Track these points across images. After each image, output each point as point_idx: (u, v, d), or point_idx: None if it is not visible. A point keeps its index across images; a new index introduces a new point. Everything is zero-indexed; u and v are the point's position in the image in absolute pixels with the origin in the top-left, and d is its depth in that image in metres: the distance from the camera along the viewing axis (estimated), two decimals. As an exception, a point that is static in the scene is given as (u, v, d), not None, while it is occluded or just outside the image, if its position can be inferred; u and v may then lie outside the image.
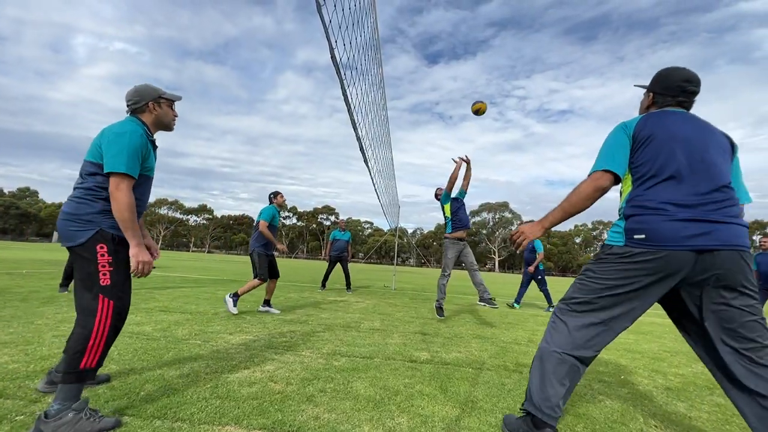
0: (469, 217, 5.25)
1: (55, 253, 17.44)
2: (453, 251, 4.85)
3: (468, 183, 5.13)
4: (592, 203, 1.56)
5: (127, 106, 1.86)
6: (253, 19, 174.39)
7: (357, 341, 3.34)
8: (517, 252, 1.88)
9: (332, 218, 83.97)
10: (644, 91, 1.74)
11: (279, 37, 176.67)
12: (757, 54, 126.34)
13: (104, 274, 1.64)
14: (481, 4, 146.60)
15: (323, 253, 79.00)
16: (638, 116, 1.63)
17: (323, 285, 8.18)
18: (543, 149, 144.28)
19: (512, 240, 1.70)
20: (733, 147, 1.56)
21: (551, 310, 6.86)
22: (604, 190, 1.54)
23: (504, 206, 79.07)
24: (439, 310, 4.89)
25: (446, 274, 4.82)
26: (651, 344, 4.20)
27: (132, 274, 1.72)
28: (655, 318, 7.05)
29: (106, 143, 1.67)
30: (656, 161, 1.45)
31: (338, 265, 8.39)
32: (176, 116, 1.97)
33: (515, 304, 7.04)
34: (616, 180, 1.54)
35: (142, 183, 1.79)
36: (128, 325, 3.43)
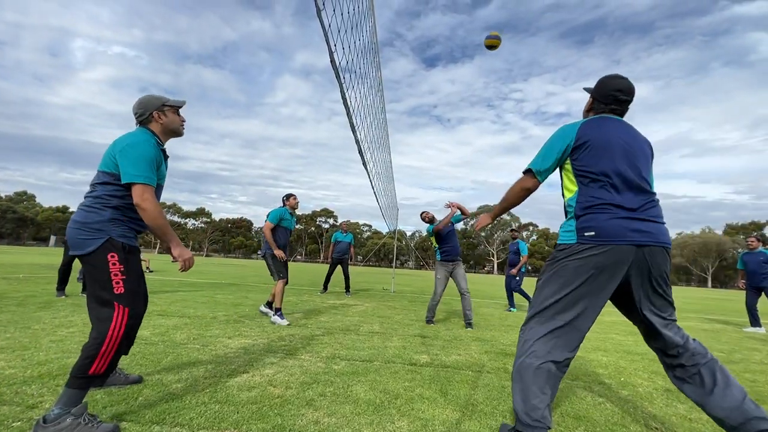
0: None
1: (51, 258, 17.35)
2: (442, 272, 4.85)
3: (467, 217, 5.09)
4: (521, 200, 1.82)
5: (135, 118, 1.89)
6: (252, 23, 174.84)
7: (356, 345, 3.33)
8: (475, 235, 2.22)
9: (331, 221, 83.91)
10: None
11: (277, 41, 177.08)
12: (752, 57, 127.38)
13: (117, 283, 1.66)
14: (478, 8, 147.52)
15: (321, 256, 78.89)
16: (580, 121, 1.75)
17: (324, 288, 8.16)
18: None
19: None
20: (652, 153, 1.77)
21: (513, 310, 6.82)
22: (528, 191, 1.79)
23: (502, 208, 79.10)
24: (428, 322, 4.79)
25: (436, 294, 4.78)
26: (650, 346, 4.20)
27: (180, 271, 1.81)
28: (654, 319, 7.06)
29: (121, 154, 1.68)
30: (597, 166, 1.61)
31: (338, 267, 8.37)
32: (184, 121, 1.99)
33: (511, 309, 7.02)
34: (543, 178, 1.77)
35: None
36: (126, 329, 3.41)
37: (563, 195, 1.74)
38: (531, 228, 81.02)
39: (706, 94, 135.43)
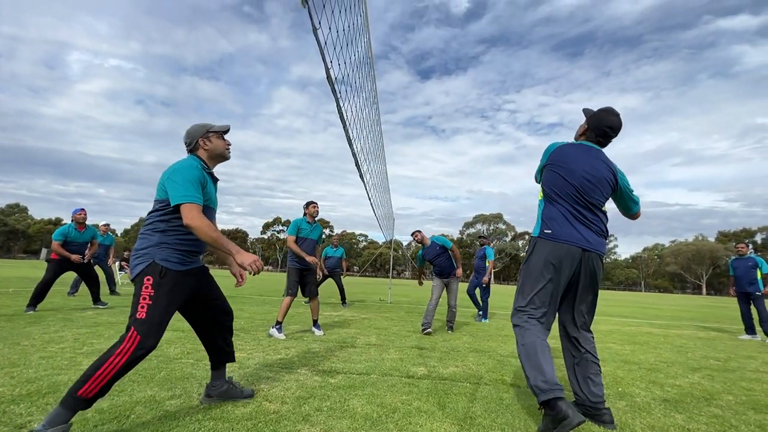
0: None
1: (43, 271, 17.07)
2: (437, 280, 5.12)
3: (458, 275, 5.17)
4: None
5: (186, 148, 2.01)
6: (249, 36, 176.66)
7: (353, 357, 3.29)
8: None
9: (327, 231, 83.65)
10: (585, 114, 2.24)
11: (274, 54, 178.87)
12: (736, 69, 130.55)
13: (142, 307, 1.66)
14: (471, 22, 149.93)
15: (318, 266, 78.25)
16: (558, 144, 2.17)
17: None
18: (535, 161, 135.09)
19: None
20: (616, 178, 2.12)
21: (485, 320, 6.56)
22: None
23: (498, 217, 79.58)
24: (425, 329, 4.81)
25: (432, 298, 4.97)
26: (647, 355, 4.20)
27: (250, 274, 1.83)
28: (651, 328, 7.07)
29: (168, 181, 1.77)
30: (557, 189, 2.06)
31: (332, 279, 8.29)
32: (229, 144, 2.08)
33: (483, 319, 6.84)
34: None
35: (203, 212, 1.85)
36: (118, 344, 3.35)
37: (538, 195, 2.21)
38: (527, 237, 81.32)
39: (694, 104, 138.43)
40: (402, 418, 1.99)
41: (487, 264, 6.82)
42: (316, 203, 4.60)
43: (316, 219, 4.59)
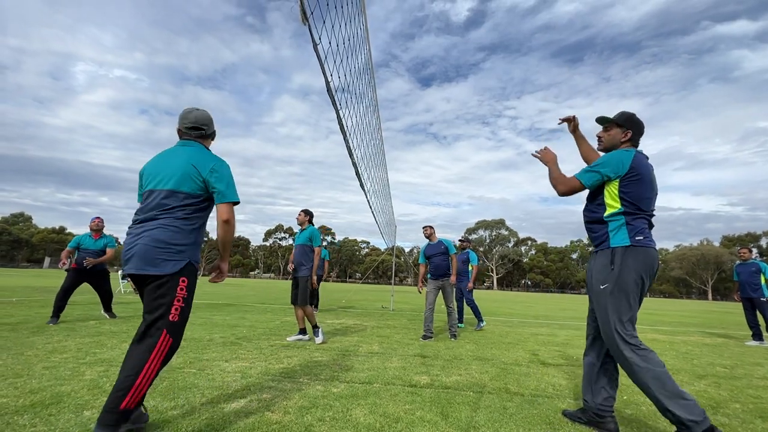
0: (459, 244, 5.38)
1: (46, 280, 17.13)
2: (431, 285, 5.24)
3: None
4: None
5: (195, 129, 1.83)
6: (251, 46, 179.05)
7: (355, 366, 3.28)
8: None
9: (329, 238, 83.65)
10: (615, 124, 2.20)
11: (276, 63, 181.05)
12: (736, 73, 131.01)
13: (176, 309, 1.60)
14: (471, 30, 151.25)
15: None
16: (633, 152, 2.07)
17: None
18: (536, 167, 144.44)
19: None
20: None
21: (461, 326, 6.39)
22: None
23: (500, 223, 79.39)
24: (426, 337, 4.91)
25: (427, 304, 5.10)
26: (652, 362, 4.16)
27: (210, 281, 1.84)
28: (656, 335, 7.00)
29: (214, 175, 1.71)
30: (641, 195, 2.03)
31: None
32: None
33: (459, 324, 6.69)
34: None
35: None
36: (119, 354, 3.35)
37: (605, 208, 2.09)
38: (529, 243, 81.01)
39: (694, 109, 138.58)
40: (405, 428, 1.97)
41: (470, 268, 6.77)
42: (301, 211, 4.81)
43: (306, 223, 4.79)
